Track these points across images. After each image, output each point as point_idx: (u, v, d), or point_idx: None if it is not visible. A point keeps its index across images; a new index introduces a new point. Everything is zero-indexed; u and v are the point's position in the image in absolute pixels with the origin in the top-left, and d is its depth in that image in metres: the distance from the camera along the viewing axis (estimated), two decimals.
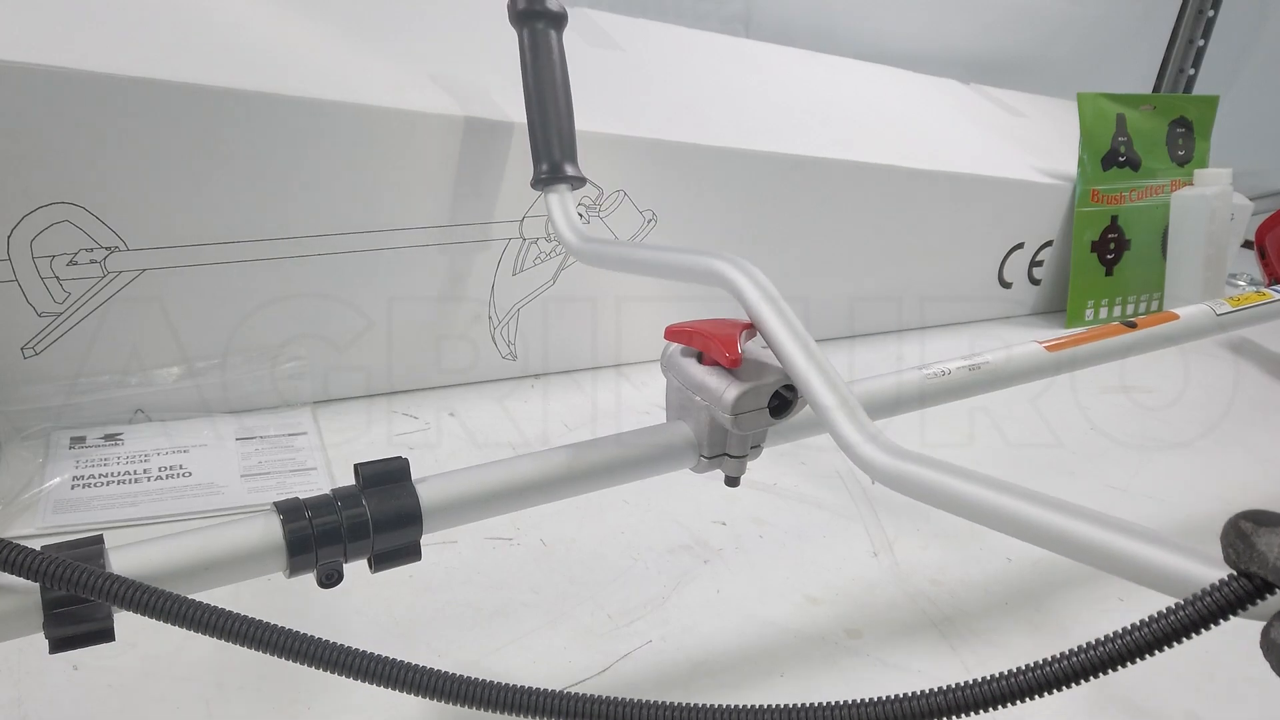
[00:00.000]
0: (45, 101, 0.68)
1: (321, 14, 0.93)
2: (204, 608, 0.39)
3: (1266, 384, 1.16)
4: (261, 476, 0.76)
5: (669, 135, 0.98)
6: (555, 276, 0.96)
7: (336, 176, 0.81)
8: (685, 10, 1.54)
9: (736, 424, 0.54)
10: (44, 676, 0.54)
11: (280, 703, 0.55)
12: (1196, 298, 1.17)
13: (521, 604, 0.65)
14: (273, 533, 0.47)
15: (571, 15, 0.88)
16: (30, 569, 0.37)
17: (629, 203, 0.96)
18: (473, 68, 0.97)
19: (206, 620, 0.38)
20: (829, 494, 0.81)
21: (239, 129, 0.76)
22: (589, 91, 1.04)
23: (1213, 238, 1.29)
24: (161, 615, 0.38)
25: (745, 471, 0.59)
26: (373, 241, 0.85)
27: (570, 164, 0.81)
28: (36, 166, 0.70)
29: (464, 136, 0.86)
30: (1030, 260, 1.31)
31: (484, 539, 0.71)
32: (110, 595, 0.38)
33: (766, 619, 0.66)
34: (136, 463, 0.76)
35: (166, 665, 0.57)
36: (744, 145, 1.02)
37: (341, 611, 0.62)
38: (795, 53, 1.43)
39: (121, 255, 0.75)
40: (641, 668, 0.60)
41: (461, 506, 0.52)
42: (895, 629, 0.66)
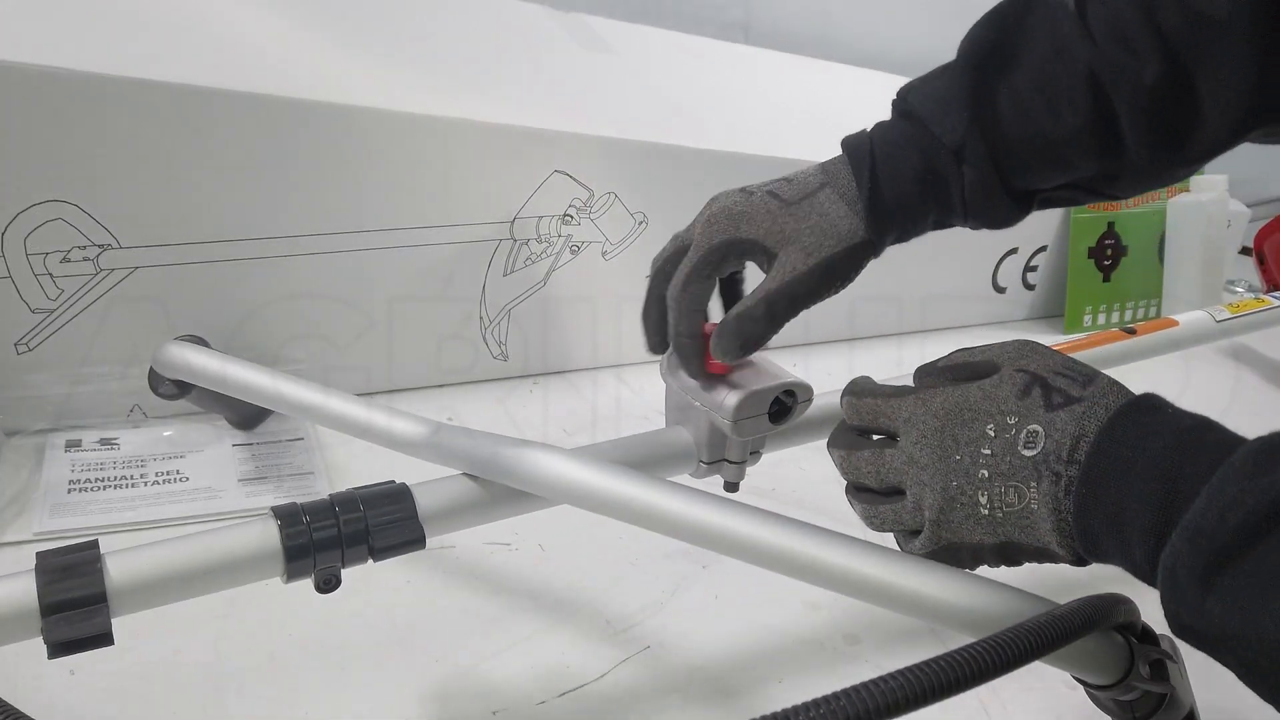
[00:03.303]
0: (39, 101, 0.68)
1: (314, 16, 0.93)
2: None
3: (1266, 390, 1.16)
4: (259, 481, 0.76)
5: (661, 138, 0.98)
6: (546, 278, 0.96)
7: (327, 177, 0.81)
8: (685, 16, 1.55)
9: (736, 430, 0.54)
10: (42, 680, 0.54)
11: (278, 707, 0.55)
12: (1194, 303, 1.17)
13: (520, 609, 0.65)
14: (270, 538, 0.47)
15: (567, 20, 0.88)
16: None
17: (620, 205, 0.96)
18: (464, 70, 0.97)
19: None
20: (828, 499, 0.80)
21: (231, 129, 0.76)
22: (582, 95, 1.04)
23: (1210, 244, 1.29)
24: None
25: (745, 477, 0.59)
26: (364, 241, 0.85)
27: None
28: (30, 164, 0.70)
29: (456, 138, 0.85)
30: (1025, 265, 1.31)
31: (482, 544, 0.71)
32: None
33: (765, 624, 0.66)
34: (133, 467, 0.75)
35: (164, 670, 0.57)
36: (737, 149, 1.02)
37: (339, 616, 0.62)
38: (793, 59, 1.43)
39: (114, 253, 0.75)
40: (640, 673, 0.60)
41: (459, 512, 0.52)
42: (894, 635, 0.65)
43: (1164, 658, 0.45)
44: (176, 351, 0.71)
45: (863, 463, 0.49)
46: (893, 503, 0.48)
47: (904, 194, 0.53)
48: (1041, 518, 0.43)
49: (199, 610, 0.58)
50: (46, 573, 0.43)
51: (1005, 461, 0.44)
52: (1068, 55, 0.51)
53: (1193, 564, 0.36)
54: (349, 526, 0.48)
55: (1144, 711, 0.46)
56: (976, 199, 0.54)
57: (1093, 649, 0.44)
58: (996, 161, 0.53)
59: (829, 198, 0.53)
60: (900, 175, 0.53)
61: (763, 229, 0.53)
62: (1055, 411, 0.43)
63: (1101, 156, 0.52)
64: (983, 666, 0.35)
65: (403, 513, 0.50)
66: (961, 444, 0.45)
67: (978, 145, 0.52)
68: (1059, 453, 0.42)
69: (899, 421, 0.48)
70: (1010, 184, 0.53)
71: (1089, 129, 0.51)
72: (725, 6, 1.61)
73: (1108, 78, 0.50)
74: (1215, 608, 0.35)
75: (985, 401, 0.45)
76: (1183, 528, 0.37)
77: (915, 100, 0.55)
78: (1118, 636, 0.45)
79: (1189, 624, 0.37)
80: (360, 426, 0.61)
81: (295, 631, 0.61)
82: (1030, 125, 0.52)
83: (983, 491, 0.44)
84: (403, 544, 0.49)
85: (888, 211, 0.53)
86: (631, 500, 0.49)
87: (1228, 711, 0.52)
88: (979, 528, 0.45)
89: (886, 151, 0.54)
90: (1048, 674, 0.61)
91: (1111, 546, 0.41)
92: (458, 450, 0.54)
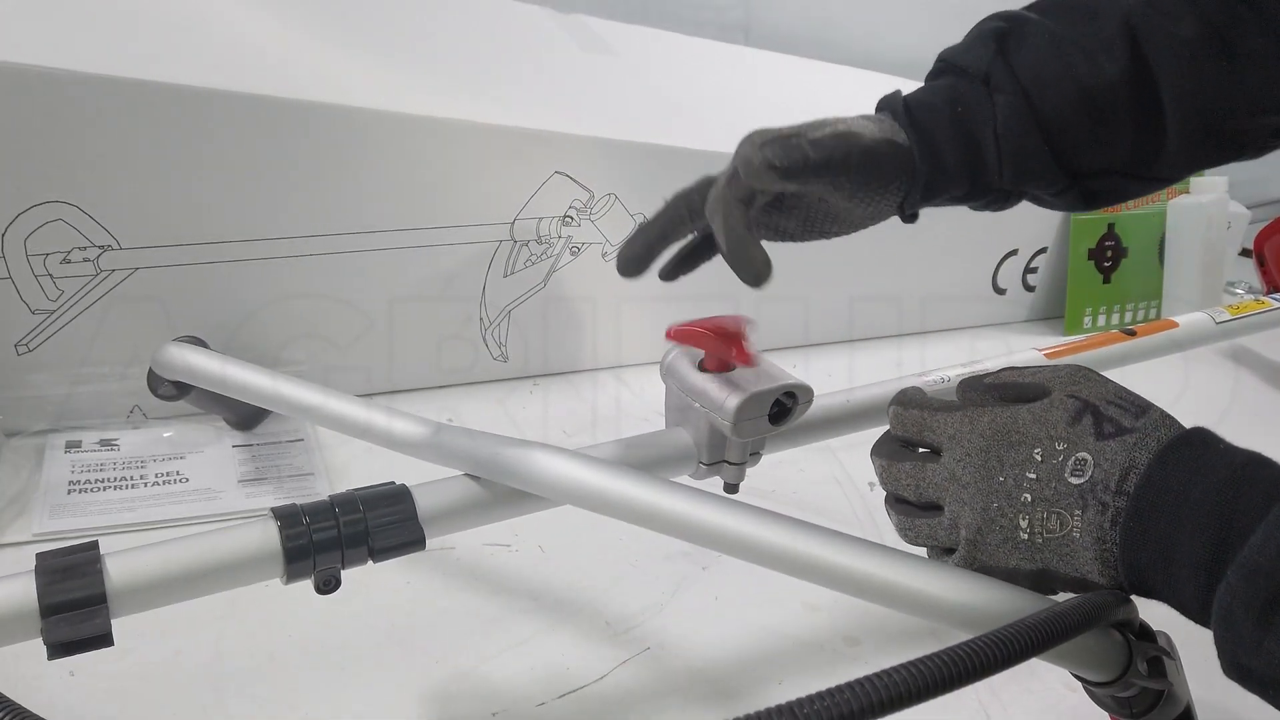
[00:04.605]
0: (39, 101, 0.68)
1: (314, 17, 0.93)
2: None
3: (1266, 392, 1.16)
4: (258, 482, 0.76)
5: (661, 139, 0.98)
6: (546, 279, 0.96)
7: (327, 178, 0.81)
8: (685, 18, 1.55)
9: (736, 431, 0.54)
10: (41, 682, 0.54)
11: (278, 708, 0.55)
12: (1194, 305, 1.17)
13: (520, 610, 0.65)
14: (270, 539, 0.47)
15: (568, 21, 0.88)
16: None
17: (620, 206, 0.96)
18: (464, 71, 0.97)
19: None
20: (828, 500, 0.81)
21: (231, 130, 0.76)
22: (582, 96, 1.04)
23: (1210, 245, 1.29)
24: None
25: (745, 478, 0.59)
26: (364, 242, 0.85)
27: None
28: (31, 165, 0.70)
29: (456, 139, 0.85)
30: (1025, 267, 1.32)
31: (482, 545, 0.71)
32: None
33: (765, 626, 0.66)
34: (133, 468, 0.75)
35: (164, 671, 0.57)
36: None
37: (339, 618, 0.62)
38: (793, 60, 1.43)
39: (114, 254, 0.75)
40: (640, 674, 0.60)
41: (459, 513, 0.52)
42: (893, 636, 0.65)
43: (1161, 654, 0.45)
44: (176, 352, 0.71)
45: (903, 474, 0.48)
46: (930, 518, 0.47)
47: (938, 126, 0.53)
48: (1084, 546, 0.42)
49: (199, 611, 0.58)
50: (46, 573, 0.43)
51: (1050, 487, 0.43)
52: (1104, 9, 0.50)
53: (1250, 601, 0.35)
54: (349, 527, 0.48)
55: (1142, 708, 0.46)
56: (1010, 132, 0.52)
57: (1091, 646, 0.43)
58: (1030, 100, 0.52)
59: (876, 119, 0.54)
60: (933, 109, 0.53)
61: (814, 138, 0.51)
62: (1106, 441, 0.42)
63: (1138, 115, 0.51)
64: (983, 662, 0.35)
65: (402, 514, 0.50)
66: (1006, 466, 0.44)
67: (1005, 73, 0.52)
68: (1107, 483, 0.41)
69: (944, 437, 0.47)
70: (1046, 131, 0.52)
71: (1127, 80, 0.50)
72: (725, 8, 1.61)
73: (1143, 30, 0.49)
74: (1274, 646, 0.34)
75: (1034, 425, 0.44)
76: (1239, 564, 0.36)
77: (944, 54, 0.55)
78: (1116, 633, 0.45)
79: (1246, 664, 0.36)
80: (360, 427, 0.61)
81: (295, 632, 0.61)
82: (1065, 71, 0.51)
83: (1024, 515, 0.43)
84: (403, 545, 0.49)
85: (924, 143, 0.53)
86: (633, 500, 0.49)
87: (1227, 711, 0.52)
88: (1016, 552, 0.44)
89: (918, 96, 0.54)
90: (1047, 676, 0.61)
91: (1159, 581, 0.40)
92: (459, 451, 0.54)
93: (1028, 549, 0.44)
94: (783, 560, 0.46)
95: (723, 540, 0.48)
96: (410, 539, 0.50)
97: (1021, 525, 0.43)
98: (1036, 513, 0.43)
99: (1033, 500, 0.43)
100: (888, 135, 0.53)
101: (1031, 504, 0.43)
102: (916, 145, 0.53)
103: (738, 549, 0.47)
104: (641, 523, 0.49)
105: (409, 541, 0.50)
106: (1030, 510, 0.43)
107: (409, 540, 0.50)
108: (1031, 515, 0.43)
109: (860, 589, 0.45)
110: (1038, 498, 0.43)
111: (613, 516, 0.50)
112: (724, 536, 0.47)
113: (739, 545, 0.47)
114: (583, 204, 0.94)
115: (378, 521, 0.49)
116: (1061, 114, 0.52)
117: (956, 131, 0.53)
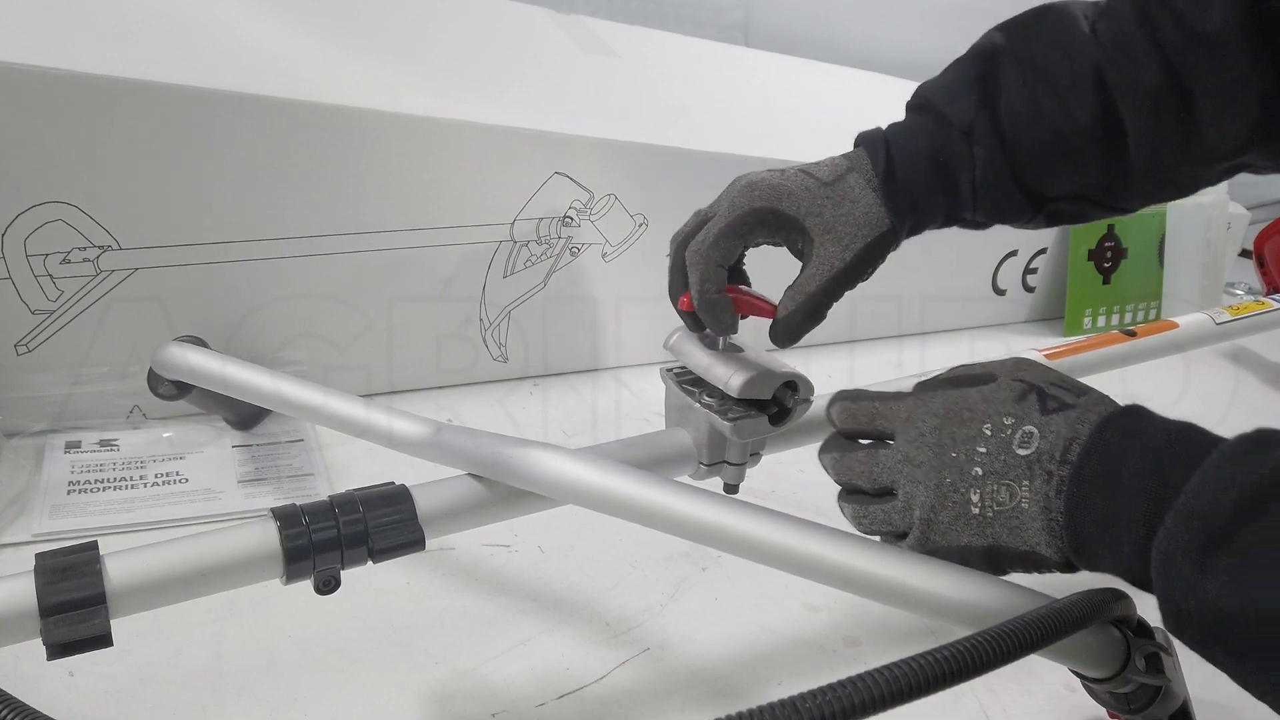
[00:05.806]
0: (39, 101, 0.68)
1: (314, 18, 0.93)
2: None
3: (1265, 392, 1.16)
4: (258, 482, 0.76)
5: (661, 140, 0.98)
6: (546, 279, 0.96)
7: (327, 178, 0.81)
8: (685, 19, 1.55)
9: (736, 431, 0.54)
10: (41, 682, 0.54)
11: (278, 708, 0.55)
12: (1194, 305, 1.17)
13: (519, 611, 0.65)
14: (269, 540, 0.47)
15: (567, 22, 0.88)
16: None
17: (620, 206, 0.96)
18: (465, 72, 0.97)
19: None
20: (827, 500, 0.80)
21: (231, 131, 0.76)
22: (582, 97, 1.04)
23: (1210, 246, 1.29)
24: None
25: (744, 479, 0.59)
26: (364, 243, 0.85)
27: None
28: (31, 166, 0.70)
29: (457, 140, 0.86)
30: (1024, 267, 1.32)
31: (481, 546, 0.71)
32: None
33: (765, 627, 0.66)
34: (133, 468, 0.75)
35: (163, 672, 0.57)
36: (737, 151, 1.02)
37: (339, 618, 0.62)
38: (793, 61, 1.43)
39: (114, 254, 0.75)
40: (640, 675, 0.60)
41: (459, 514, 0.52)
42: (893, 636, 0.65)
43: (1159, 651, 0.46)
44: (176, 352, 0.71)
45: (856, 464, 0.50)
46: (884, 503, 0.49)
47: (917, 177, 0.55)
48: (1031, 517, 0.44)
49: (199, 612, 0.58)
50: (46, 574, 0.43)
51: (999, 460, 0.45)
52: (1076, 55, 0.53)
53: (1187, 545, 0.36)
54: (348, 528, 0.48)
55: (1140, 704, 0.47)
56: (986, 183, 0.55)
57: (1090, 642, 0.44)
58: (1006, 147, 0.54)
59: (857, 182, 0.55)
60: (913, 158, 0.55)
61: (804, 207, 0.54)
62: (1050, 415, 0.45)
63: (1106, 156, 0.53)
64: (983, 658, 0.35)
65: (402, 514, 0.50)
66: (958, 441, 0.46)
67: (986, 127, 0.54)
68: (1052, 453, 0.43)
69: (897, 422, 0.49)
70: (1020, 176, 0.55)
71: (1096, 124, 0.52)
72: (725, 8, 1.61)
73: (1112, 77, 0.52)
74: (1211, 588, 0.35)
75: (984, 403, 0.47)
76: (1176, 510, 0.37)
77: (926, 91, 0.57)
78: (1114, 630, 0.45)
79: (1185, 608, 0.37)
80: (360, 427, 0.61)
81: (295, 633, 0.61)
82: (1039, 117, 0.53)
83: (975, 489, 0.45)
84: (402, 545, 0.49)
85: (902, 194, 0.55)
86: (635, 498, 0.49)
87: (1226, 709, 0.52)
88: (967, 529, 0.46)
89: (900, 139, 0.55)
90: (1047, 676, 0.61)
91: (1100, 545, 0.42)
92: (460, 450, 0.54)
93: (979, 524, 0.45)
94: (783, 558, 0.47)
95: (723, 538, 0.48)
96: (410, 539, 0.50)
97: (973, 500, 0.45)
98: (987, 485, 0.45)
99: (983, 474, 0.45)
100: (875, 231, 0.54)
101: (982, 478, 0.45)
102: (892, 213, 0.55)
103: (738, 547, 0.48)
104: (643, 521, 0.49)
105: (409, 542, 0.50)
106: (981, 484, 0.45)
107: (409, 540, 0.50)
108: (982, 489, 0.45)
109: (861, 587, 0.46)
110: (988, 471, 0.45)
111: (614, 515, 0.50)
112: (724, 534, 0.48)
113: (739, 543, 0.47)
114: (583, 204, 0.94)
115: (377, 522, 0.49)
116: (1034, 155, 0.54)
117: (936, 184, 0.55)
